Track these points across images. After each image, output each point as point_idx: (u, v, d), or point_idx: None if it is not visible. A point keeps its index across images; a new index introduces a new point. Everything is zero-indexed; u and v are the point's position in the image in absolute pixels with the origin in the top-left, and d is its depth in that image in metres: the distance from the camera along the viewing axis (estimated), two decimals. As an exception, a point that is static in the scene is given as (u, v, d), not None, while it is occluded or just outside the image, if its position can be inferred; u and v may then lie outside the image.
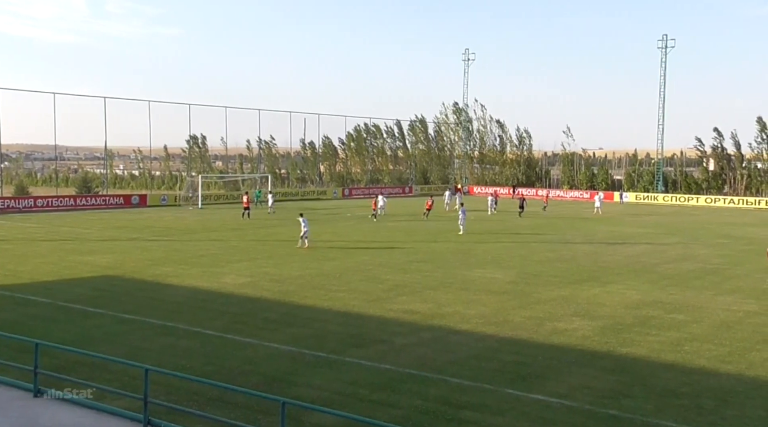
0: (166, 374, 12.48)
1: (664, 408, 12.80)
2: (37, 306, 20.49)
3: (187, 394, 12.62)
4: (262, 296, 22.31)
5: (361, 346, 16.68)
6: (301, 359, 15.61)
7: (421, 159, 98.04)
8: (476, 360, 15.71)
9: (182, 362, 14.87)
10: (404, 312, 20.36)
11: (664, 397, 13.44)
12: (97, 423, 11.51)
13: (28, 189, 71.12)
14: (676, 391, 13.80)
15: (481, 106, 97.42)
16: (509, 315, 20.16)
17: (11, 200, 56.70)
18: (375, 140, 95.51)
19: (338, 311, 20.54)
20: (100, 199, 60.63)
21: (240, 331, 17.81)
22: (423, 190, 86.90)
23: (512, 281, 25.65)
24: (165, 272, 26.68)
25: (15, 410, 12.00)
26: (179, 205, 62.10)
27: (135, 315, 19.31)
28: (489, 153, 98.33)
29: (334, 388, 13.67)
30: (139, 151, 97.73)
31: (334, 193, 78.54)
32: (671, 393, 13.65)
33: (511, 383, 13.98)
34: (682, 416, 12.39)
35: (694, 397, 13.44)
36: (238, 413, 11.58)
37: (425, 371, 14.67)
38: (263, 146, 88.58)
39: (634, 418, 12.26)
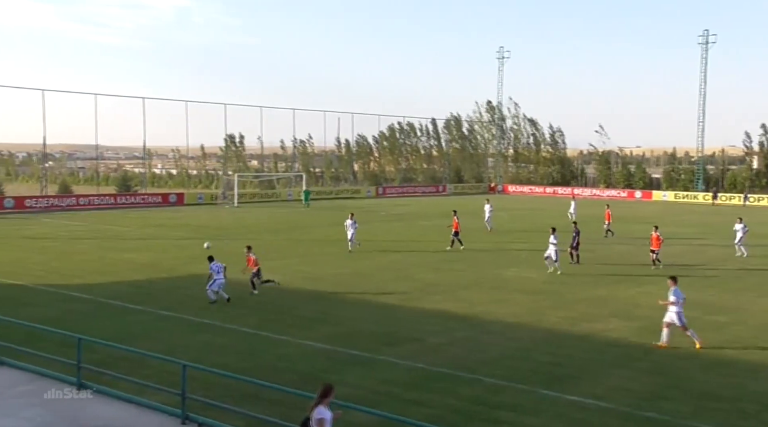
0: (203, 370, 12.68)
1: (702, 411, 12.63)
2: (79, 302, 20.94)
3: (224, 390, 12.80)
4: (296, 295, 22.49)
5: (394, 344, 16.73)
6: (334, 356, 15.72)
7: (455, 158, 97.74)
8: (510, 360, 15.66)
9: (218, 358, 15.08)
10: (437, 311, 20.37)
11: (703, 400, 13.26)
12: (137, 417, 11.76)
13: (71, 188, 72.48)
14: (716, 394, 13.59)
15: (515, 104, 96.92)
16: (544, 315, 20.04)
17: (55, 199, 57.95)
18: (408, 139, 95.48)
19: (372, 309, 20.62)
20: (139, 198, 61.64)
21: (274, 328, 18.00)
22: (456, 189, 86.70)
23: (546, 281, 25.47)
24: (201, 269, 26.97)
25: (58, 403, 12.31)
26: (215, 204, 62.79)
27: (173, 312, 19.63)
28: (523, 151, 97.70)
29: (368, 386, 13.75)
30: (177, 150, 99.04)
31: (367, 192, 78.73)
32: (711, 396, 13.46)
33: (546, 384, 13.91)
34: (722, 420, 12.21)
35: (735, 401, 13.22)
36: (273, 410, 11.70)
37: (458, 371, 14.67)
38: (298, 145, 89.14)
39: (672, 421, 12.12)
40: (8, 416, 11.63)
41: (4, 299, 20.82)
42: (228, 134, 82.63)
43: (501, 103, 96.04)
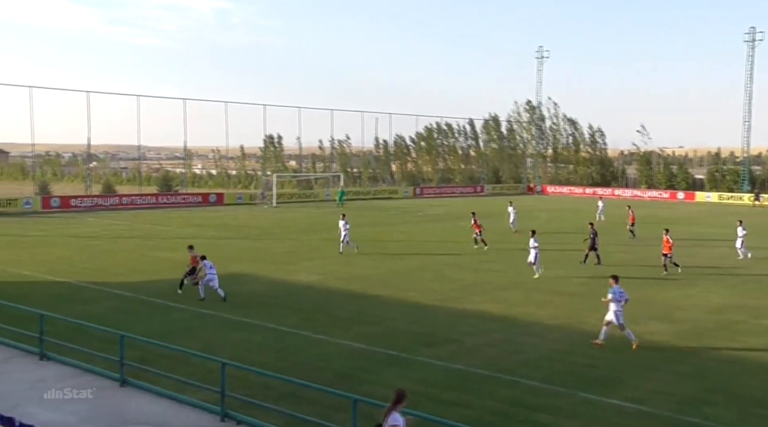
0: (241, 368, 12.82)
1: (749, 418, 12.37)
2: (121, 300, 21.34)
3: (262, 388, 12.93)
4: (333, 294, 22.60)
5: (431, 345, 16.71)
6: (372, 356, 15.75)
7: (493, 158, 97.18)
8: (548, 362, 15.52)
9: (257, 357, 15.22)
10: (475, 312, 20.29)
11: (750, 406, 12.97)
12: (177, 414, 11.95)
13: (114, 188, 73.81)
14: (763, 400, 13.29)
15: (554, 103, 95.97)
16: (582, 317, 19.82)
17: (99, 198, 59.11)
18: (446, 139, 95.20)
19: (409, 309, 20.62)
20: (179, 198, 62.52)
21: (312, 328, 18.10)
22: (495, 190, 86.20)
23: (585, 283, 25.18)
24: (240, 268, 27.33)
25: (103, 398, 12.58)
26: (254, 204, 63.39)
27: (212, 310, 19.88)
28: (562, 152, 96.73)
29: (405, 386, 13.63)
30: (217, 150, 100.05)
31: (405, 193, 78.71)
32: (758, 402, 13.16)
33: (585, 387, 13.76)
34: None
35: (783, 407, 12.91)
36: (311, 409, 11.78)
37: (496, 372, 14.60)
38: (336, 146, 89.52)
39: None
40: (56, 410, 11.91)
41: (51, 296, 21.31)
42: (267, 135, 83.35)
43: (540, 102, 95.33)
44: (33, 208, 52.42)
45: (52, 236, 37.98)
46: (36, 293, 21.65)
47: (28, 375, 13.78)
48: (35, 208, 52.54)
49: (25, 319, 16.01)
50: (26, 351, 15.15)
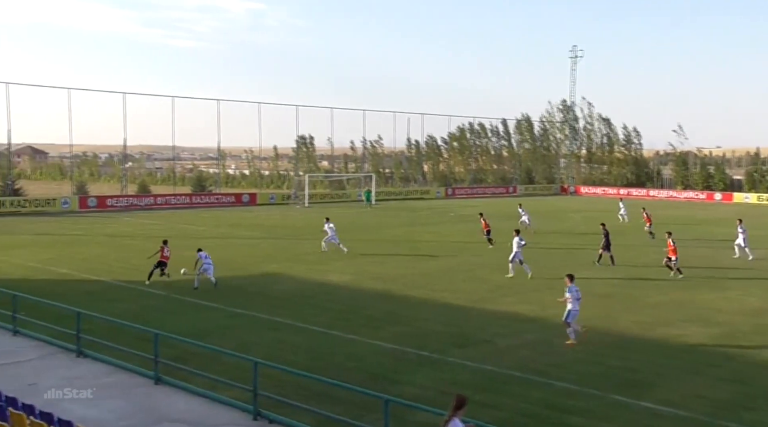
0: (274, 367, 12.89)
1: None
2: (156, 298, 21.62)
3: (294, 388, 12.98)
4: (365, 294, 22.63)
5: (463, 346, 16.65)
6: (403, 357, 15.74)
7: (526, 158, 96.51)
8: (582, 364, 15.37)
9: (289, 356, 15.31)
10: (507, 313, 20.17)
11: (790, 411, 12.68)
12: (210, 412, 12.06)
13: (149, 188, 74.85)
14: (804, 406, 12.99)
15: (588, 103, 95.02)
16: (616, 319, 19.60)
17: (134, 198, 60.01)
18: (479, 139, 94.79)
19: (441, 310, 20.57)
20: (213, 198, 63.15)
21: (344, 328, 18.15)
22: (527, 190, 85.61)
23: (619, 284, 24.90)
24: (272, 268, 27.52)
25: (138, 395, 12.76)
26: (287, 204, 63.77)
27: (244, 309, 20.03)
28: (596, 152, 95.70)
29: (437, 387, 13.72)
30: (250, 151, 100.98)
31: (437, 193, 78.57)
32: (799, 408, 12.86)
33: (619, 389, 13.59)
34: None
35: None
36: (343, 409, 11.80)
37: (529, 374, 14.49)
38: (368, 146, 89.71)
39: (754, 431, 11.67)
40: (93, 406, 12.11)
41: (87, 294, 21.67)
42: (299, 135, 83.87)
43: (574, 102, 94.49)
44: (71, 207, 53.37)
45: (88, 234, 38.63)
46: (73, 291, 22.02)
47: (66, 371, 14.05)
48: (73, 207, 53.49)
49: (62, 316, 16.30)
50: (64, 348, 15.44)
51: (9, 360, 14.79)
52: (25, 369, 14.23)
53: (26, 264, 27.70)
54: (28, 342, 16.14)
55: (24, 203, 52.55)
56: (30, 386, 12.88)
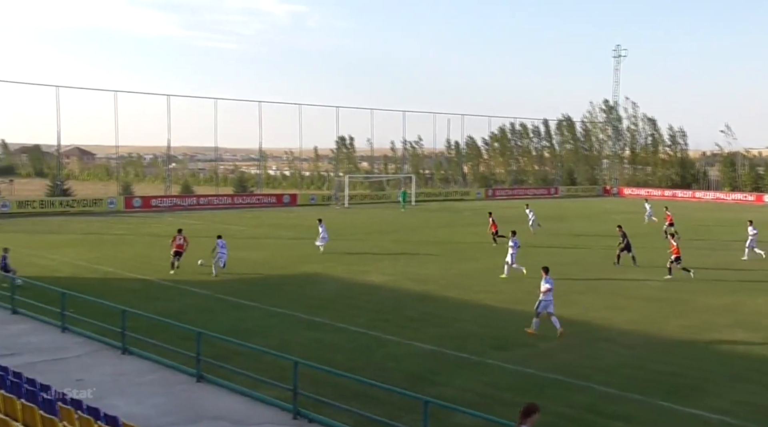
0: (313, 367, 12.94)
1: None
2: (198, 297, 21.90)
3: (333, 387, 13.01)
4: (404, 295, 22.59)
5: (503, 348, 16.51)
6: (442, 358, 15.67)
7: (568, 159, 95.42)
8: (625, 368, 15.11)
9: (328, 356, 15.35)
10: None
11: None
12: (251, 410, 12.16)
13: (192, 188, 75.90)
14: None
15: (633, 103, 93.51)
16: (662, 323, 19.23)
17: (178, 198, 60.91)
18: (520, 140, 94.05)
19: (480, 312, 20.44)
20: (254, 198, 63.76)
21: (383, 328, 18.14)
22: (569, 192, 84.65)
23: (665, 288, 24.44)
24: (312, 268, 27.67)
25: (180, 393, 12.94)
26: (327, 205, 64.07)
27: (284, 309, 20.16)
28: (640, 153, 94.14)
29: (476, 389, 13.63)
30: (291, 152, 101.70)
31: (477, 194, 78.14)
32: None
33: (664, 395, 13.32)
34: None
35: None
36: (382, 409, 11.79)
37: (571, 378, 14.29)
38: (408, 147, 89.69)
39: (805, 440, 11.33)
40: (138, 403, 12.32)
41: (132, 293, 22.05)
42: (339, 136, 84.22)
43: (617, 102, 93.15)
44: (116, 207, 54.42)
45: (133, 234, 39.35)
46: (118, 289, 22.44)
47: (111, 368, 14.32)
48: (118, 207, 54.54)
49: (108, 314, 16.62)
50: (109, 345, 15.74)
51: (58, 356, 15.15)
52: (73, 365, 14.56)
53: (74, 262, 28.32)
54: (76, 339, 16.51)
55: (72, 203, 53.73)
56: (77, 382, 13.15)
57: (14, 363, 13.13)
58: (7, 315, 18.76)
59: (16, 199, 54.50)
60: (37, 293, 19.12)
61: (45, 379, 11.34)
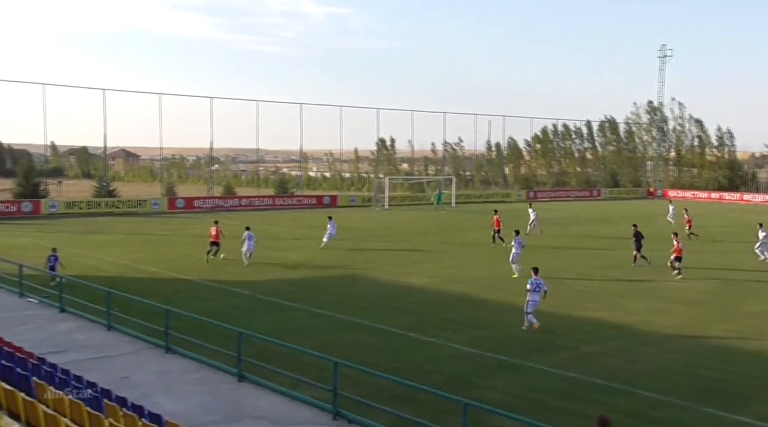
0: (353, 368, 12.98)
1: None
2: (240, 298, 22.15)
3: (373, 388, 13.05)
4: (445, 297, 22.54)
5: (545, 351, 16.37)
6: (483, 361, 15.61)
7: (611, 161, 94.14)
8: (669, 373, 14.86)
9: (368, 357, 15.40)
10: (591, 319, 19.71)
11: None
12: (291, 410, 12.26)
13: (234, 189, 76.77)
14: None
15: (679, 104, 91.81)
16: (707, 328, 18.86)
17: (220, 199, 61.70)
18: (562, 142, 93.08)
19: (521, 314, 20.21)
20: (295, 200, 64.23)
21: (423, 330, 18.13)
22: (612, 194, 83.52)
23: (711, 291, 23.96)
24: (353, 270, 27.78)
25: (222, 392, 13.11)
26: (367, 206, 64.24)
27: (325, 310, 20.28)
28: (686, 154, 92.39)
29: (517, 393, 13.54)
30: (331, 154, 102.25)
31: (518, 196, 77.57)
32: None
33: (710, 401, 13.06)
34: None
35: None
36: (421, 411, 11.79)
37: (613, 382, 14.11)
38: (448, 148, 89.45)
39: None
40: (181, 400, 12.53)
41: (175, 293, 22.41)
42: (380, 138, 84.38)
43: (662, 103, 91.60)
44: (160, 208, 55.34)
45: (177, 235, 39.97)
46: (162, 289, 22.82)
47: (156, 366, 14.57)
48: (162, 208, 55.45)
49: (152, 313, 16.92)
50: (154, 344, 16.02)
51: (103, 354, 15.47)
52: (118, 363, 14.84)
53: (119, 262, 28.89)
54: (121, 337, 16.84)
55: (117, 204, 54.82)
56: (123, 379, 13.42)
57: (62, 360, 13.47)
58: (55, 313, 19.24)
59: (64, 200, 55.77)
60: (84, 292, 19.55)
61: (92, 376, 11.60)
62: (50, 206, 51.06)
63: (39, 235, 37.90)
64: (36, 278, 22.01)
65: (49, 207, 50.85)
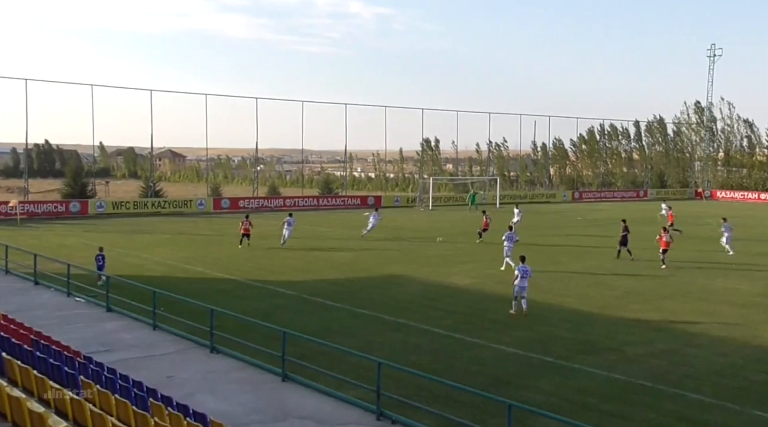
0: (397, 368, 13.01)
1: None
2: (283, 297, 22.35)
3: (416, 389, 13.05)
4: (489, 298, 22.42)
5: (589, 353, 16.16)
6: (527, 362, 15.48)
7: (658, 161, 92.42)
8: (717, 376, 14.54)
9: (412, 357, 15.40)
10: (636, 320, 19.40)
11: None
12: (335, 410, 12.33)
13: (279, 190, 77.41)
14: None
15: (729, 104, 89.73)
16: (757, 330, 18.40)
17: (265, 200, 62.29)
18: (609, 142, 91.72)
19: (566, 316, 20.07)
20: (339, 200, 64.49)
21: (467, 331, 18.06)
22: (659, 195, 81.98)
23: (760, 293, 23.37)
24: (396, 270, 27.79)
25: (266, 391, 13.24)
26: (411, 207, 64.19)
27: (368, 310, 20.34)
28: (735, 155, 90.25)
29: (562, 394, 13.40)
30: (376, 154, 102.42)
31: (563, 196, 76.68)
32: None
33: (761, 405, 12.76)
34: None
35: None
36: (465, 412, 11.75)
37: (659, 384, 13.87)
38: (493, 149, 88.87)
39: None
40: (225, 400, 12.69)
41: (220, 292, 22.70)
42: (424, 138, 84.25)
43: (711, 103, 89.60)
44: (206, 208, 56.13)
45: (222, 235, 40.48)
46: (207, 289, 23.15)
47: (200, 366, 14.77)
48: (208, 208, 56.23)
49: (198, 313, 17.18)
50: (199, 343, 16.25)
51: (149, 353, 15.75)
52: (163, 362, 15.09)
53: (165, 262, 29.39)
54: (167, 336, 17.11)
55: (164, 204, 55.74)
56: (168, 379, 13.65)
57: (109, 359, 13.75)
58: (102, 312, 19.65)
59: (111, 200, 56.97)
60: (131, 292, 19.91)
61: (138, 375, 11.83)
62: (98, 206, 52.16)
63: (87, 235, 38.77)
64: (83, 278, 22.50)
65: (96, 207, 51.93)
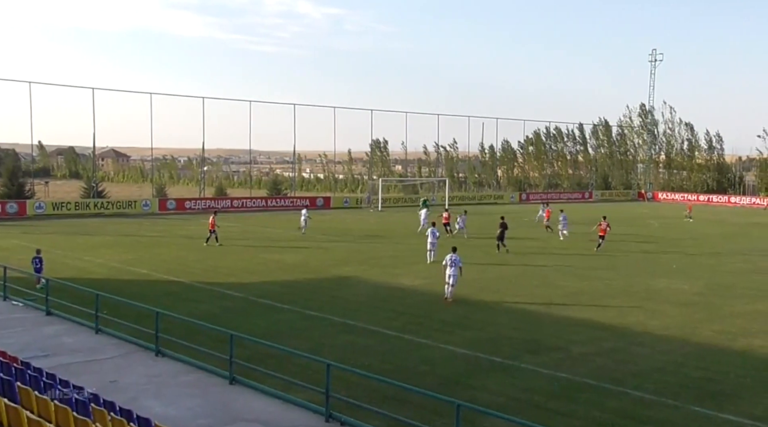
0: (346, 370, 12.96)
1: None
2: (232, 300, 22.08)
3: (366, 390, 13.04)
4: (438, 298, 22.54)
5: (536, 352, 16.40)
6: (476, 362, 15.62)
7: (603, 163, 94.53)
8: (659, 373, 14.92)
9: (361, 359, 15.38)
10: (583, 320, 19.76)
11: None
12: (283, 412, 12.23)
13: (226, 191, 76.52)
14: None
15: (670, 108, 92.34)
16: (697, 328, 18.94)
17: (211, 201, 61.49)
18: (555, 144, 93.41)
19: (514, 316, 20.33)
20: (288, 201, 64.08)
21: (416, 332, 18.13)
22: (603, 196, 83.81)
23: (700, 293, 24.07)
24: (346, 271, 27.75)
25: (214, 395, 13.04)
26: (360, 208, 64.20)
27: (318, 312, 20.25)
28: (676, 157, 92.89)
29: (509, 393, 13.55)
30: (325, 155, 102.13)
31: (511, 198, 77.73)
32: None
33: (699, 401, 13.13)
34: None
35: None
36: (414, 413, 11.79)
37: (604, 382, 14.15)
38: (442, 150, 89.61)
39: None
40: (172, 404, 12.44)
41: (166, 295, 22.31)
42: (373, 139, 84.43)
43: (653, 107, 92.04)
44: (151, 209, 55.12)
45: (168, 236, 39.82)
46: (153, 291, 22.72)
47: (145, 370, 14.45)
48: (153, 209, 55.23)
49: (142, 316, 16.83)
50: (143, 347, 15.91)
51: (91, 357, 15.33)
52: (106, 366, 14.71)
53: (109, 264, 28.74)
54: (110, 340, 16.69)
55: (107, 205, 54.50)
56: (111, 383, 13.34)
57: (48, 364, 13.33)
58: (41, 316, 19.02)
59: (51, 201, 55.23)
60: (72, 295, 19.37)
61: (79, 380, 11.50)
62: (37, 207, 50.71)
63: (25, 236, 37.50)
64: (21, 281, 21.77)
65: (35, 208, 50.49)
